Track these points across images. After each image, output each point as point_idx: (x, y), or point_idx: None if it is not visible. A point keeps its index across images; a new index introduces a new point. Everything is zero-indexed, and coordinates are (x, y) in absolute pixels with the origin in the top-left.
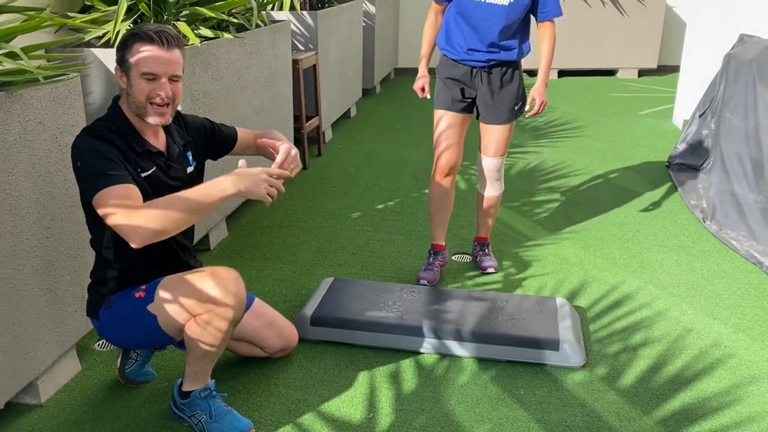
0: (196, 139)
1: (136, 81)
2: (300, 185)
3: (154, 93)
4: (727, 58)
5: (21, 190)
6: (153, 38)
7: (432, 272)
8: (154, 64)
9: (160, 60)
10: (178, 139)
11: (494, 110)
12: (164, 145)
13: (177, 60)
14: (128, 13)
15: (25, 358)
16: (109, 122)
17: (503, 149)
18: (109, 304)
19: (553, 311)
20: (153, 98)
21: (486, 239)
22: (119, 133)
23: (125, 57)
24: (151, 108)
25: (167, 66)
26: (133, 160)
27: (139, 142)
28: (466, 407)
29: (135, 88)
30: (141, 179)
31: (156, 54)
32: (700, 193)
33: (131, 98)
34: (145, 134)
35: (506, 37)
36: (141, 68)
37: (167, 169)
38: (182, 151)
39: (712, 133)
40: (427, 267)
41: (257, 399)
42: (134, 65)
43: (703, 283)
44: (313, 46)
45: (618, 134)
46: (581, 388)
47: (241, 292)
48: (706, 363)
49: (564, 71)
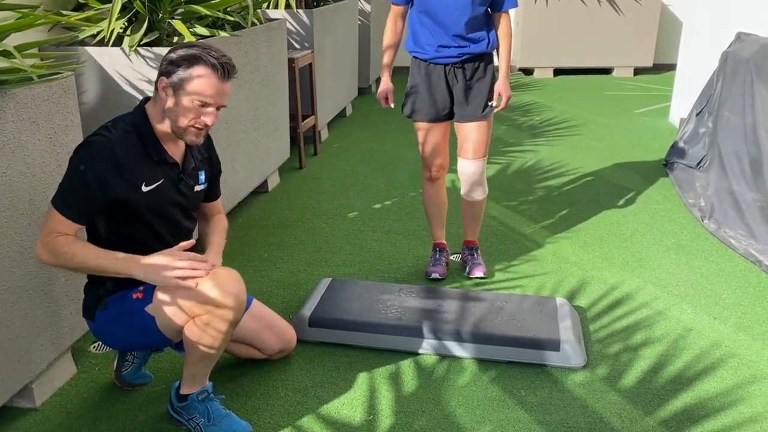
0: (211, 163)
1: (186, 103)
2: (296, 185)
3: (200, 120)
4: (724, 56)
5: (15, 190)
6: (216, 67)
7: (441, 266)
8: (210, 93)
9: (217, 90)
10: (196, 154)
11: (469, 107)
12: (181, 157)
13: (229, 91)
14: (123, 11)
15: (19, 361)
16: (131, 124)
17: (483, 150)
18: (105, 306)
19: (553, 311)
20: (197, 124)
21: (474, 243)
22: (140, 137)
23: (180, 74)
24: (191, 129)
25: (220, 97)
26: (137, 172)
27: (157, 150)
28: (467, 409)
29: (182, 108)
30: (140, 194)
31: (214, 83)
32: (698, 191)
33: (171, 114)
34: (166, 144)
35: (473, 29)
36: (196, 93)
37: (178, 182)
38: (197, 166)
39: (710, 131)
40: (435, 262)
41: (255, 401)
42: (188, 86)
43: (703, 282)
44: (308, 45)
45: (614, 133)
46: (582, 388)
47: (241, 292)
48: (707, 363)
49: (560, 70)
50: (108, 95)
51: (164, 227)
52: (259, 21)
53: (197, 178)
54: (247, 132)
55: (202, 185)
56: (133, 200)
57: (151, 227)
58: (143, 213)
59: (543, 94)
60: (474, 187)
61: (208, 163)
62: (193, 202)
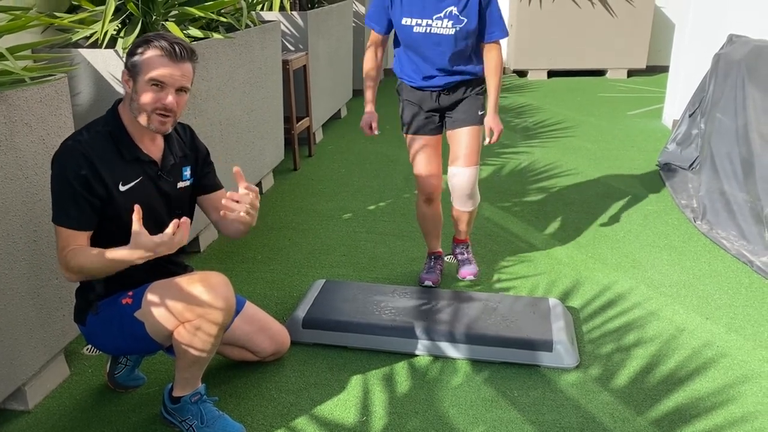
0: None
1: (143, 87)
2: (291, 187)
3: (159, 102)
4: (716, 58)
5: (7, 192)
6: (166, 48)
7: (435, 274)
8: (162, 73)
9: (170, 70)
10: (177, 151)
11: (460, 114)
12: (160, 155)
13: (186, 72)
14: (116, 13)
15: (11, 363)
16: (104, 125)
17: (475, 157)
18: (96, 310)
19: (546, 312)
20: (157, 107)
21: (465, 241)
22: (112, 137)
23: (135, 62)
24: (154, 116)
25: (176, 77)
26: (112, 172)
27: (129, 148)
28: (460, 409)
29: (140, 94)
30: (117, 194)
31: (166, 63)
32: (691, 192)
33: (134, 104)
34: (141, 141)
35: (459, 62)
36: (149, 75)
37: (157, 179)
38: (178, 163)
39: (702, 132)
40: (429, 270)
41: (249, 403)
42: (143, 71)
43: (695, 282)
44: (303, 47)
45: (608, 134)
46: (575, 389)
47: (230, 296)
48: (699, 363)
49: (553, 72)
50: (101, 97)
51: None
52: (253, 23)
53: (180, 175)
54: (241, 134)
55: (186, 181)
56: (111, 201)
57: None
58: (123, 214)
59: (537, 96)
60: (466, 198)
61: (193, 157)
62: (180, 201)
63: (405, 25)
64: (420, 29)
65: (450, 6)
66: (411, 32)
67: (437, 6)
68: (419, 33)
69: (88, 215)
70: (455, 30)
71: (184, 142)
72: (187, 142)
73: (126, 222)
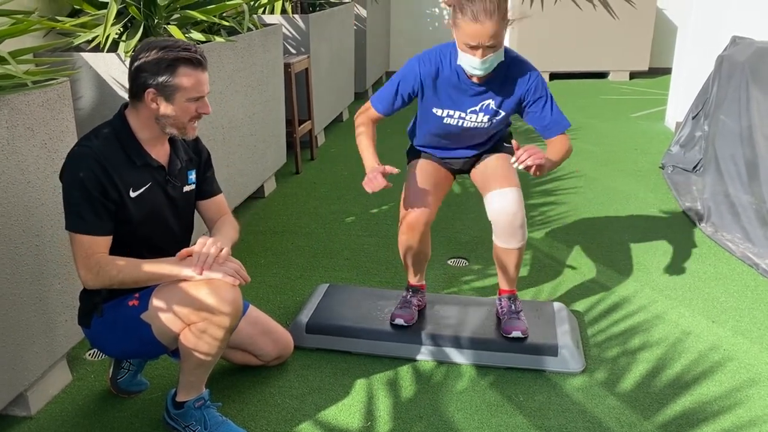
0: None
1: (183, 104)
2: (293, 190)
3: (199, 112)
4: (719, 60)
5: (9, 197)
6: (192, 61)
7: (410, 310)
8: (201, 88)
9: (203, 81)
10: (182, 155)
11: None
12: (167, 159)
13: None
14: (118, 17)
15: (13, 368)
16: (111, 131)
17: (513, 179)
18: (101, 313)
19: (550, 316)
20: (196, 116)
21: (512, 292)
22: (120, 142)
23: (167, 82)
24: (190, 125)
25: (207, 84)
26: (123, 178)
27: (139, 155)
28: (465, 414)
29: (181, 111)
30: (128, 200)
31: (199, 77)
32: (695, 195)
33: (168, 119)
34: (149, 147)
35: (490, 140)
36: (191, 93)
37: (165, 184)
38: (184, 167)
39: (706, 134)
40: (405, 304)
41: (252, 408)
42: (180, 90)
43: (700, 285)
44: (304, 50)
45: (611, 137)
46: (581, 393)
47: (237, 299)
48: (705, 366)
49: (555, 74)
50: (103, 101)
51: (156, 234)
52: (255, 26)
53: (186, 179)
54: (243, 137)
55: (192, 185)
56: (123, 206)
57: (143, 234)
58: (133, 220)
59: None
60: (513, 228)
61: (197, 160)
62: (185, 205)
63: (435, 115)
64: (451, 120)
65: (488, 100)
66: (441, 122)
67: (474, 100)
68: (450, 124)
69: (106, 220)
70: (490, 123)
71: (188, 146)
72: (191, 146)
73: (135, 228)
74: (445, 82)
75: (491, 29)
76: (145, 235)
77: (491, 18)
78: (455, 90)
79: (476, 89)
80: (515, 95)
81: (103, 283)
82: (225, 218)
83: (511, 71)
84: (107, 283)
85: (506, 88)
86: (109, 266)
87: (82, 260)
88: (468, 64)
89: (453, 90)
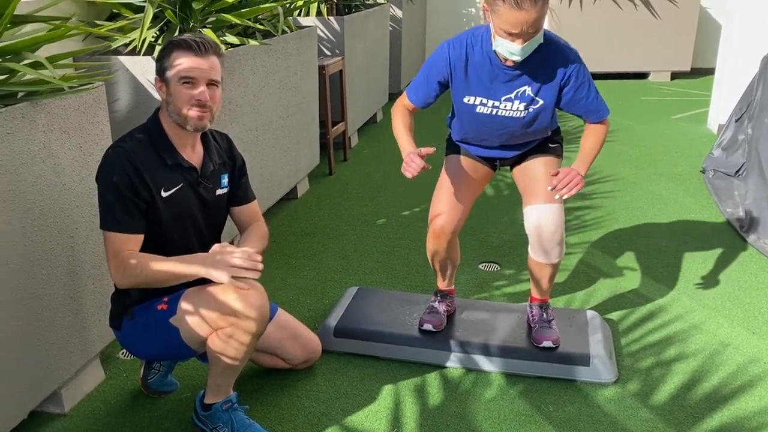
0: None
1: (176, 88)
2: (326, 191)
3: (193, 98)
4: (765, 61)
5: (45, 200)
6: (190, 45)
7: (438, 316)
8: (190, 67)
9: (196, 63)
10: (215, 158)
11: (530, 150)
12: (200, 161)
13: (214, 65)
14: (154, 21)
15: (48, 367)
16: (145, 133)
17: None
18: (132, 315)
19: (583, 324)
20: (192, 102)
21: (545, 300)
22: (153, 144)
23: (164, 66)
24: (191, 112)
25: (204, 70)
26: (155, 178)
27: (171, 155)
28: (493, 423)
29: (175, 95)
30: (159, 200)
31: (193, 59)
32: (737, 200)
33: (171, 107)
34: (182, 148)
35: (531, 136)
36: (179, 73)
37: (197, 186)
38: (217, 169)
39: (749, 138)
40: (432, 310)
41: (279, 412)
42: (174, 73)
43: (741, 295)
44: (339, 52)
45: (650, 139)
46: (613, 405)
47: (264, 305)
48: (744, 380)
49: (595, 75)
50: (139, 103)
51: (186, 235)
52: (289, 29)
53: (219, 182)
54: (276, 139)
55: (224, 189)
56: (154, 206)
57: (173, 235)
58: (164, 220)
59: None
60: (551, 245)
61: (231, 165)
62: (216, 208)
63: (466, 104)
64: (484, 110)
65: (523, 86)
66: (473, 111)
67: (508, 86)
68: (483, 113)
69: (138, 219)
70: (527, 112)
71: (222, 149)
72: (225, 150)
73: (165, 230)
74: (476, 66)
75: (535, 16)
76: (176, 237)
77: (535, 5)
78: (488, 76)
79: (510, 74)
80: (554, 82)
81: (130, 282)
82: (256, 225)
83: (548, 55)
84: (133, 281)
85: (544, 74)
86: (135, 263)
87: (112, 258)
88: (506, 49)
89: (485, 76)
